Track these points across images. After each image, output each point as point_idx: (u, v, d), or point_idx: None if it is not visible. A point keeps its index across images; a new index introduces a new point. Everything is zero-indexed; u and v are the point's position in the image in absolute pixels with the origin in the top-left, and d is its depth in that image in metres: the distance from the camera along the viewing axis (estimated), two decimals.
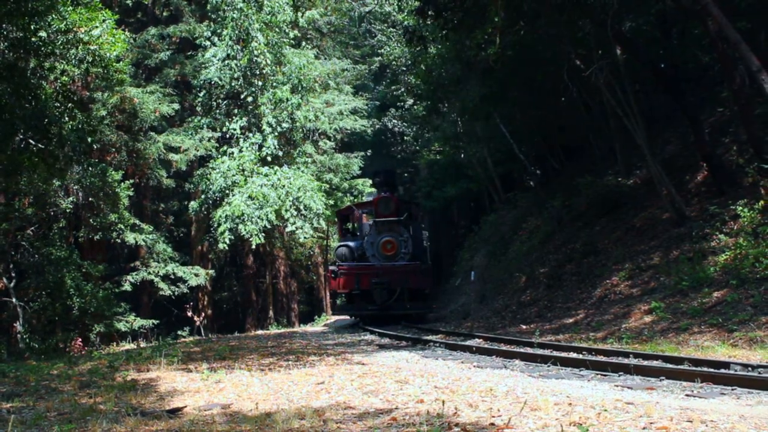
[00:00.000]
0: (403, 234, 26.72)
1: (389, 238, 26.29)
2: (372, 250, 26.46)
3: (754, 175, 17.09)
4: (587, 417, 5.61)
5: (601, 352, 11.00)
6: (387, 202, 26.73)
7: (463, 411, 6.14)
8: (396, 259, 26.07)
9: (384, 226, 26.58)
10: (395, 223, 26.68)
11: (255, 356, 12.69)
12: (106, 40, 18.58)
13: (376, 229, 26.80)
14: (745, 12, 18.80)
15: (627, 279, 18.21)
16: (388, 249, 26.19)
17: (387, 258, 26.07)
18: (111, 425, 6.36)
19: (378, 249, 26.29)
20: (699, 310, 13.94)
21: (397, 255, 26.16)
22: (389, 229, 26.55)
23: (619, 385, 7.83)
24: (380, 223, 26.64)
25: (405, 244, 26.44)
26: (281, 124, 30.97)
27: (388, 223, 26.57)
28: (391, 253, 26.14)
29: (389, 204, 26.69)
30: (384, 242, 26.23)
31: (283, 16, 30.18)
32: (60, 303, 24.22)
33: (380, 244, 26.26)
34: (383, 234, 26.47)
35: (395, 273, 25.26)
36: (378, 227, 26.70)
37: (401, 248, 26.31)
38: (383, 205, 26.69)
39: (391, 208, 26.59)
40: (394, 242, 26.26)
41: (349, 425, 5.87)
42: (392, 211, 26.56)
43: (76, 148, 19.69)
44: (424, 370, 9.37)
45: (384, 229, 26.57)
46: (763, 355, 9.90)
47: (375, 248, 26.38)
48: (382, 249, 26.20)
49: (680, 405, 6.27)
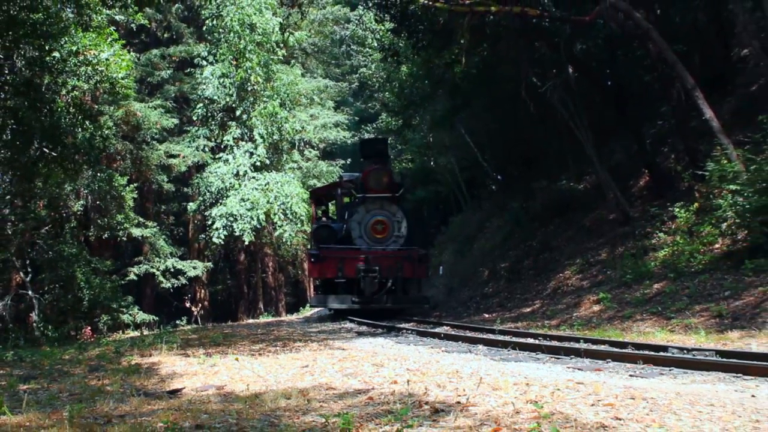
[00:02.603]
0: (397, 214, 20.72)
1: (381, 218, 20.41)
2: (359, 231, 20.42)
3: (690, 181, 17.19)
4: (542, 395, 5.63)
5: (555, 338, 11.03)
6: (379, 175, 20.78)
7: (433, 391, 6.15)
8: (387, 242, 20.40)
9: (375, 203, 20.60)
10: (388, 200, 20.68)
11: (246, 343, 12.66)
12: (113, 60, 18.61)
13: (364, 207, 20.62)
14: (681, 37, 18.93)
15: (578, 273, 18.31)
16: (378, 230, 20.35)
17: (377, 241, 20.34)
18: (117, 404, 6.33)
19: (366, 230, 20.37)
20: (641, 300, 14.04)
21: (388, 238, 20.43)
22: (380, 207, 20.61)
23: (570, 367, 7.85)
24: (370, 200, 20.60)
25: (398, 226, 20.58)
26: (271, 135, 31.02)
27: (379, 200, 20.62)
28: (383, 235, 20.36)
29: (382, 177, 20.79)
30: (374, 222, 20.36)
31: (274, 36, 30.18)
32: (71, 295, 24.35)
33: (369, 225, 20.35)
34: (373, 212, 20.53)
35: (387, 259, 19.70)
36: (367, 204, 20.60)
37: (394, 230, 20.53)
38: (375, 177, 20.75)
39: (383, 182, 20.69)
40: (387, 222, 20.43)
41: (330, 404, 5.86)
42: (385, 186, 20.65)
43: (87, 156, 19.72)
44: (398, 355, 9.37)
45: (374, 206, 20.58)
46: (697, 339, 9.97)
47: (363, 229, 20.40)
48: (372, 230, 20.32)
49: (624, 384, 6.30)
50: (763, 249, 12.80)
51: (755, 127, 16.35)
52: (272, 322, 23.14)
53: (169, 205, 37.44)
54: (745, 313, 11.08)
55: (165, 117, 31.10)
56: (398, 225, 20.51)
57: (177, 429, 5.00)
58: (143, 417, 5.64)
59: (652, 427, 4.53)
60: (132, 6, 17.72)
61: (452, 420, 4.93)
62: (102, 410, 6.08)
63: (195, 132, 32.40)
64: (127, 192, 27.69)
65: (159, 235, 32.00)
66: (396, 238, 20.49)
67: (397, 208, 20.73)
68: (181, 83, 34.81)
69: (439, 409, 5.30)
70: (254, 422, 5.21)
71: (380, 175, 20.76)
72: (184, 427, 5.10)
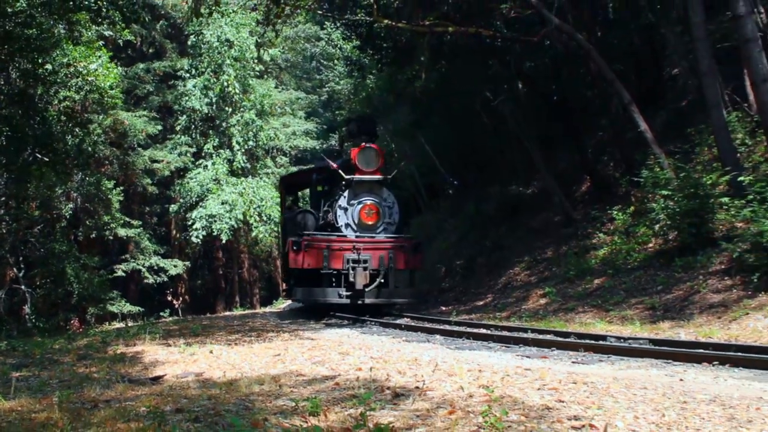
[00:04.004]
0: (388, 198, 17.22)
1: (371, 202, 16.77)
2: (346, 218, 16.84)
3: (627, 187, 17.36)
4: (493, 380, 5.65)
5: (506, 329, 11.06)
6: (370, 155, 16.99)
7: (394, 377, 6.15)
8: (377, 230, 16.84)
9: (363, 186, 16.92)
10: (378, 183, 17.05)
11: (223, 333, 12.56)
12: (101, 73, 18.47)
13: (352, 191, 16.90)
14: (619, 57, 19.12)
15: (526, 269, 18.40)
16: (368, 216, 16.70)
17: (366, 228, 16.72)
18: (103, 390, 6.26)
19: (355, 216, 16.73)
20: (583, 294, 14.16)
21: (378, 225, 16.86)
22: (370, 191, 16.97)
23: (519, 355, 7.89)
24: (359, 183, 16.86)
25: (389, 212, 17.12)
26: (247, 142, 31.06)
27: (368, 183, 16.95)
28: (373, 221, 16.74)
29: (373, 157, 17.01)
30: (364, 208, 16.68)
31: (250, 53, 30.21)
32: (62, 289, 24.09)
33: (358, 210, 16.69)
34: (363, 196, 16.86)
35: (379, 249, 16.25)
36: (355, 188, 16.88)
37: (384, 216, 16.96)
38: (365, 157, 16.92)
39: (375, 163, 16.97)
40: (377, 208, 16.81)
41: (300, 389, 5.84)
42: (377, 168, 16.99)
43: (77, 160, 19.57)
44: (362, 344, 9.37)
45: (363, 190, 16.93)
46: (633, 329, 10.08)
47: (350, 215, 16.81)
48: (361, 216, 16.62)
49: (567, 370, 6.35)
50: (691, 248, 12.98)
51: (684, 139, 16.61)
52: (247, 315, 22.98)
53: (153, 206, 37.20)
54: (675, 306, 11.22)
55: (150, 125, 31.07)
56: (389, 211, 17.01)
57: (159, 413, 4.95)
58: (127, 402, 5.58)
59: (592, 408, 4.57)
60: (119, 23, 17.58)
61: (411, 403, 4.94)
62: (89, 396, 6.01)
63: (177, 139, 32.44)
64: (113, 194, 27.68)
65: (143, 235, 31.97)
66: (387, 225, 16.90)
67: (388, 192, 17.22)
68: (165, 95, 34.70)
69: (400, 393, 5.30)
70: (230, 406, 5.18)
71: (371, 154, 16.95)
72: (165, 411, 5.05)
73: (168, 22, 35.47)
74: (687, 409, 4.47)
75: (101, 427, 4.63)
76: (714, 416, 4.27)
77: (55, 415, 5.06)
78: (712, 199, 12.91)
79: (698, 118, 16.93)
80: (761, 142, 14.27)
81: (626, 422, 4.18)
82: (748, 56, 12.60)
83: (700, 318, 10.20)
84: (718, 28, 17.50)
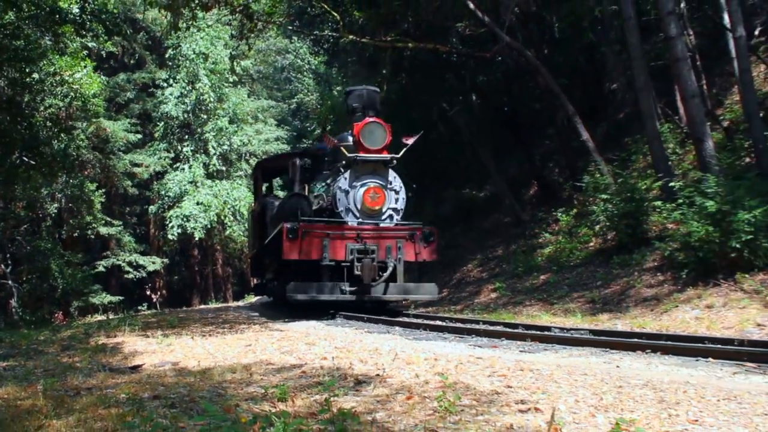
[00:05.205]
0: (394, 181, 13.24)
1: (376, 185, 12.95)
2: (347, 202, 12.95)
3: (570, 191, 17.57)
4: (448, 368, 5.67)
5: (459, 321, 11.04)
6: (377, 131, 12.98)
7: (356, 365, 6.14)
8: (381, 217, 13.08)
9: (366, 166, 13.00)
10: (384, 164, 13.08)
11: (198, 325, 12.43)
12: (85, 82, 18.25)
13: (353, 172, 12.99)
14: (564, 73, 19.34)
15: (479, 266, 18.49)
16: (373, 200, 12.85)
17: (370, 215, 12.94)
18: (85, 379, 6.17)
19: (357, 201, 12.88)
20: (530, 288, 14.25)
21: (384, 211, 13.09)
22: (374, 172, 13.05)
23: (472, 345, 7.89)
24: (361, 163, 12.93)
25: (396, 197, 13.25)
26: (222, 147, 30.97)
27: (371, 164, 13.00)
28: (378, 206, 12.91)
29: (380, 133, 13.00)
30: (368, 191, 12.85)
31: (223, 65, 30.13)
32: (47, 284, 23.92)
33: (361, 194, 12.85)
34: (365, 178, 12.98)
35: (386, 238, 12.67)
36: (357, 169, 12.97)
37: (389, 201, 13.12)
38: (370, 133, 12.95)
39: (381, 140, 12.97)
40: (383, 192, 13.00)
41: (269, 377, 5.81)
42: (383, 146, 13.00)
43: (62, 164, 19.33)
44: (328, 335, 9.33)
45: (366, 171, 13.02)
46: (575, 320, 10.18)
47: (351, 199, 12.93)
48: (365, 200, 12.81)
49: (515, 358, 6.38)
50: (627, 247, 13.16)
51: (622, 148, 16.86)
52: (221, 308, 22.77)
53: (133, 207, 36.85)
54: (613, 299, 11.37)
55: (130, 131, 30.97)
56: (395, 196, 13.24)
57: (137, 399, 4.90)
58: (108, 389, 5.51)
59: (537, 393, 4.61)
60: (102, 35, 17.39)
61: (372, 390, 4.94)
62: (72, 384, 5.92)
63: (156, 145, 32.33)
64: (96, 196, 27.45)
65: (123, 233, 31.82)
66: (392, 212, 13.21)
67: (394, 175, 13.29)
68: (144, 103, 34.55)
69: (362, 380, 5.29)
70: (204, 393, 5.13)
71: (378, 130, 13.01)
72: (143, 398, 5.00)
73: (148, 35, 35.28)
74: (622, 392, 4.53)
75: (83, 413, 4.56)
76: (646, 399, 4.33)
77: (39, 402, 4.99)
78: (647, 202, 13.11)
79: (634, 129, 17.23)
80: (690, 152, 14.54)
81: (568, 405, 4.23)
82: (678, 74, 12.83)
83: (635, 310, 10.34)
84: (653, 48, 17.84)
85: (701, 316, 8.97)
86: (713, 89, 16.79)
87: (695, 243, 10.31)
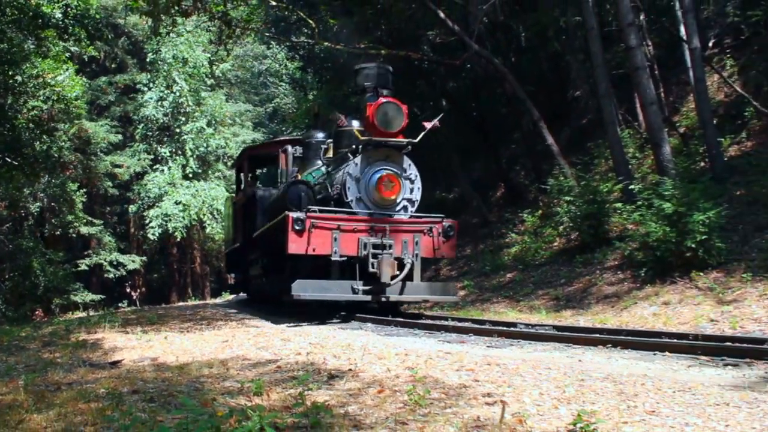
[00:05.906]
0: (409, 169, 11.06)
1: (390, 173, 10.73)
2: (357, 191, 10.69)
3: (536, 193, 17.69)
4: (418, 363, 5.67)
5: (429, 317, 11.00)
6: (394, 112, 10.50)
7: (330, 360, 6.12)
8: (395, 208, 10.92)
9: (378, 152, 10.77)
10: (399, 149, 10.84)
11: (177, 322, 12.29)
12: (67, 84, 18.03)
13: (365, 158, 10.72)
14: (530, 80, 19.48)
15: (448, 265, 18.49)
16: (387, 189, 10.70)
17: (383, 205, 10.78)
18: (66, 374, 6.08)
19: (369, 189, 10.68)
20: (497, 286, 14.29)
21: (397, 202, 10.90)
22: (387, 158, 10.83)
23: (441, 340, 7.90)
24: (374, 148, 10.71)
25: (411, 186, 11.10)
26: (199, 149, 30.77)
27: (384, 149, 10.78)
28: (392, 196, 10.75)
29: (397, 115, 10.51)
30: (381, 179, 10.64)
31: (204, 69, 29.98)
32: (29, 282, 23.56)
33: (375, 182, 10.64)
34: (378, 165, 10.74)
35: (401, 231, 10.62)
36: (368, 154, 10.73)
37: (404, 191, 10.98)
38: (384, 115, 10.46)
39: (399, 122, 10.52)
40: (398, 180, 10.79)
41: (246, 372, 5.77)
42: (399, 129, 10.62)
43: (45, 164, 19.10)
44: (302, 331, 9.28)
45: (379, 157, 10.78)
46: (540, 317, 10.24)
47: (363, 188, 10.69)
48: (379, 189, 10.61)
49: (483, 353, 6.40)
50: (589, 246, 13.28)
51: (585, 152, 17.01)
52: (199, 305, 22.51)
53: (113, 206, 36.49)
54: (576, 297, 11.45)
55: (111, 133, 30.80)
56: (410, 185, 11.10)
57: (116, 394, 4.83)
58: (88, 384, 5.43)
59: (503, 386, 4.62)
60: (84, 39, 17.16)
61: (345, 384, 4.93)
62: (53, 379, 5.84)
63: (137, 147, 32.13)
64: (77, 196, 27.19)
65: (104, 232, 31.50)
66: (407, 203, 11.08)
67: (409, 162, 11.10)
68: (125, 105, 34.24)
69: (335, 375, 5.28)
70: (182, 387, 5.09)
71: (395, 111, 10.53)
72: (122, 393, 4.94)
73: (129, 39, 35.01)
74: (584, 385, 4.57)
75: (64, 408, 4.50)
76: (607, 391, 4.37)
77: (20, 396, 4.91)
78: (608, 204, 13.25)
79: (596, 134, 17.41)
80: (648, 156, 14.73)
81: (532, 398, 4.25)
82: (638, 82, 13.00)
83: (596, 307, 10.43)
84: (614, 57, 18.03)
85: (658, 313, 9.07)
86: (670, 97, 17.02)
87: (653, 243, 10.43)
